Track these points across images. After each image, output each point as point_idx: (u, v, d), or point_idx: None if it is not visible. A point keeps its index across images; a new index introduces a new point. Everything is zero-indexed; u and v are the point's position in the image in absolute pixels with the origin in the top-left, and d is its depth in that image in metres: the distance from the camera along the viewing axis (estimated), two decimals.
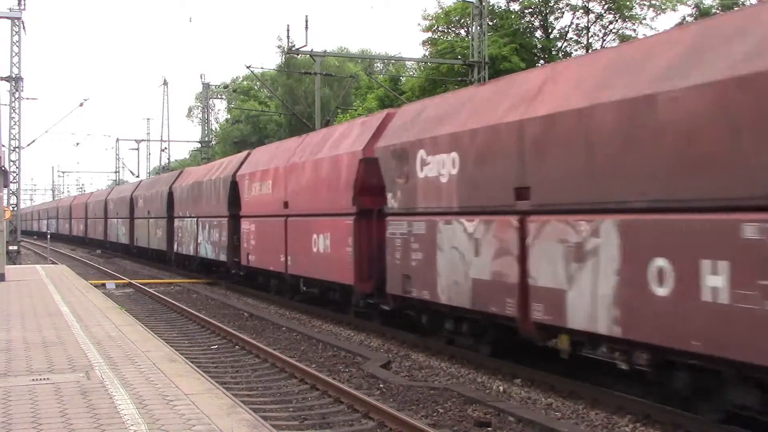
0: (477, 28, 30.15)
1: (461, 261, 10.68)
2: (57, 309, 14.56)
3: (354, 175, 14.30)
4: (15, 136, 36.04)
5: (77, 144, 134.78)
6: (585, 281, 8.35)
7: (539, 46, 39.66)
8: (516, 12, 39.73)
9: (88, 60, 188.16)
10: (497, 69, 32.02)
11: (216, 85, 65.24)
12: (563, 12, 39.88)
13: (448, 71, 35.76)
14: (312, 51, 32.02)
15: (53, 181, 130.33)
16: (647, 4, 38.06)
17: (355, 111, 45.26)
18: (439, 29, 41.37)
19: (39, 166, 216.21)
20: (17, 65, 35.77)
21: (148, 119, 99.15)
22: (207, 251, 25.09)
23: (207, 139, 59.95)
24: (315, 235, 16.00)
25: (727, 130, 6.77)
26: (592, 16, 39.03)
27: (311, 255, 16.19)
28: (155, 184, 35.23)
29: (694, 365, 7.47)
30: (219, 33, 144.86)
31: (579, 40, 39.95)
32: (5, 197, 25.85)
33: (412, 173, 11.96)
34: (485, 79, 27.86)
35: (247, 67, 35.36)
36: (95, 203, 48.58)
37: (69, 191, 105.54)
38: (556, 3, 39.37)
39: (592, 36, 39.54)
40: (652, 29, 37.42)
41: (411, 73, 44.91)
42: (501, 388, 9.86)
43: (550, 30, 40.28)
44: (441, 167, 11.17)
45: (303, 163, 17.16)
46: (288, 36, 42.61)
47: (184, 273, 28.79)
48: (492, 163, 10.04)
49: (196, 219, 26.38)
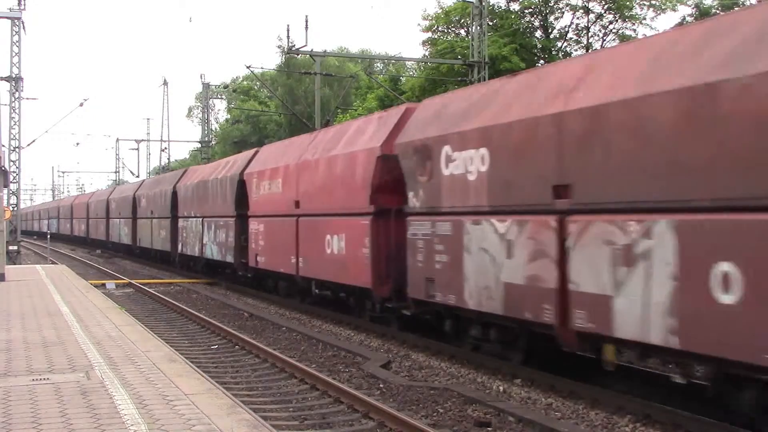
0: (477, 28, 30.14)
1: (491, 264, 10.05)
2: (57, 309, 14.55)
3: (371, 173, 13.71)
4: (15, 136, 36.07)
5: (77, 144, 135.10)
6: (635, 287, 7.71)
7: (539, 46, 39.64)
8: (516, 12, 39.74)
9: (88, 60, 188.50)
10: (497, 69, 32.00)
11: (216, 85, 65.30)
12: (563, 12, 39.95)
13: (448, 71, 35.74)
14: (312, 51, 31.98)
15: (53, 181, 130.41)
16: (647, 4, 38.08)
17: (355, 111, 45.24)
18: (439, 29, 41.38)
19: (39, 166, 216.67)
20: (17, 65, 35.79)
21: (148, 119, 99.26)
22: (213, 252, 24.41)
23: (207, 139, 59.94)
24: (329, 236, 15.43)
25: None
26: (592, 16, 39.06)
27: (324, 256, 15.62)
28: (159, 183, 34.58)
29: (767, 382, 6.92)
30: (219, 33, 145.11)
31: (579, 40, 39.99)
32: (5, 197, 25.84)
33: (435, 170, 11.36)
34: (485, 79, 27.84)
35: (247, 67, 35.42)
36: (97, 203, 48.00)
37: (69, 191, 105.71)
38: (556, 3, 39.39)
39: (592, 36, 39.61)
40: (652, 29, 37.49)
41: (411, 73, 44.91)
42: (501, 388, 9.86)
43: (550, 30, 40.29)
44: (469, 164, 10.57)
45: (316, 161, 16.53)
46: (288, 36, 42.56)
47: (184, 273, 28.54)
48: (527, 160, 9.39)
49: (201, 219, 25.72)
